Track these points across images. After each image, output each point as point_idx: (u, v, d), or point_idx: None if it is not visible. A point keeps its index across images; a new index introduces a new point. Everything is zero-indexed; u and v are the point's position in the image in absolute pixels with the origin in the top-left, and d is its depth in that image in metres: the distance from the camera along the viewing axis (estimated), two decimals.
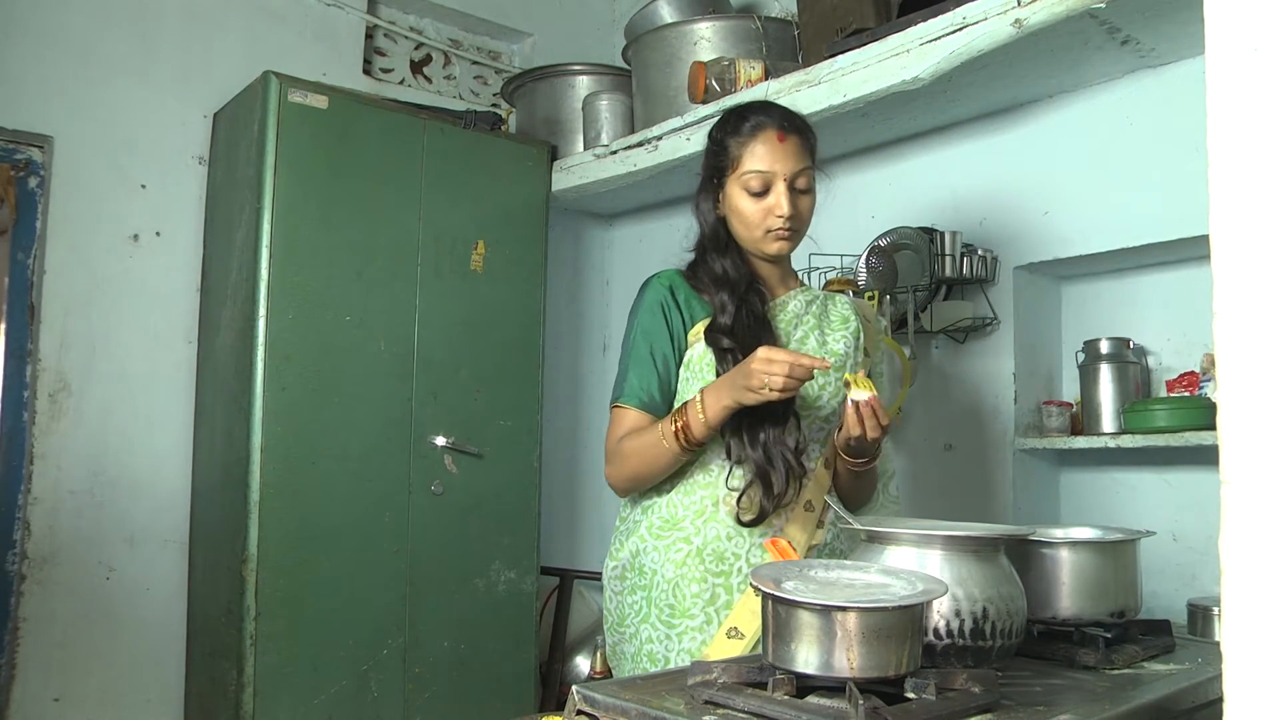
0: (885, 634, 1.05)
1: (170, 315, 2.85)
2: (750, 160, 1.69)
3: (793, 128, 1.72)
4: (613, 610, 1.76)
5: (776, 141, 1.70)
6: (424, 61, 3.51)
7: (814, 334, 1.77)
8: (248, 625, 2.45)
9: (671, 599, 1.65)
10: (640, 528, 1.71)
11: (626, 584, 1.72)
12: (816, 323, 1.79)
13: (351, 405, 2.66)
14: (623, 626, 1.72)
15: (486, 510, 2.91)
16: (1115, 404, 2.40)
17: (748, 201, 1.70)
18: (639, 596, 1.69)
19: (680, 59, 2.91)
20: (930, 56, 2.25)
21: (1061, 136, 2.48)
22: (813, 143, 1.76)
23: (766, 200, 1.69)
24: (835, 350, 1.77)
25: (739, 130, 1.72)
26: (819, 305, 1.82)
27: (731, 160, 1.71)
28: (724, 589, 1.65)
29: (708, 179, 1.77)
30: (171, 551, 2.81)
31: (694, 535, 1.66)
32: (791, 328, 1.76)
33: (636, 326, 1.74)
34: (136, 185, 2.82)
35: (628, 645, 1.71)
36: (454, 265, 2.89)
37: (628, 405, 1.69)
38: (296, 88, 2.63)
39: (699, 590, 1.64)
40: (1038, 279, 2.61)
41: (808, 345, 1.76)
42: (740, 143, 1.71)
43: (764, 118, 1.72)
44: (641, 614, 1.68)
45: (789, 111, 1.77)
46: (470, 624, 2.84)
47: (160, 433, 2.81)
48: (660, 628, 1.66)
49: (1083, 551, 1.45)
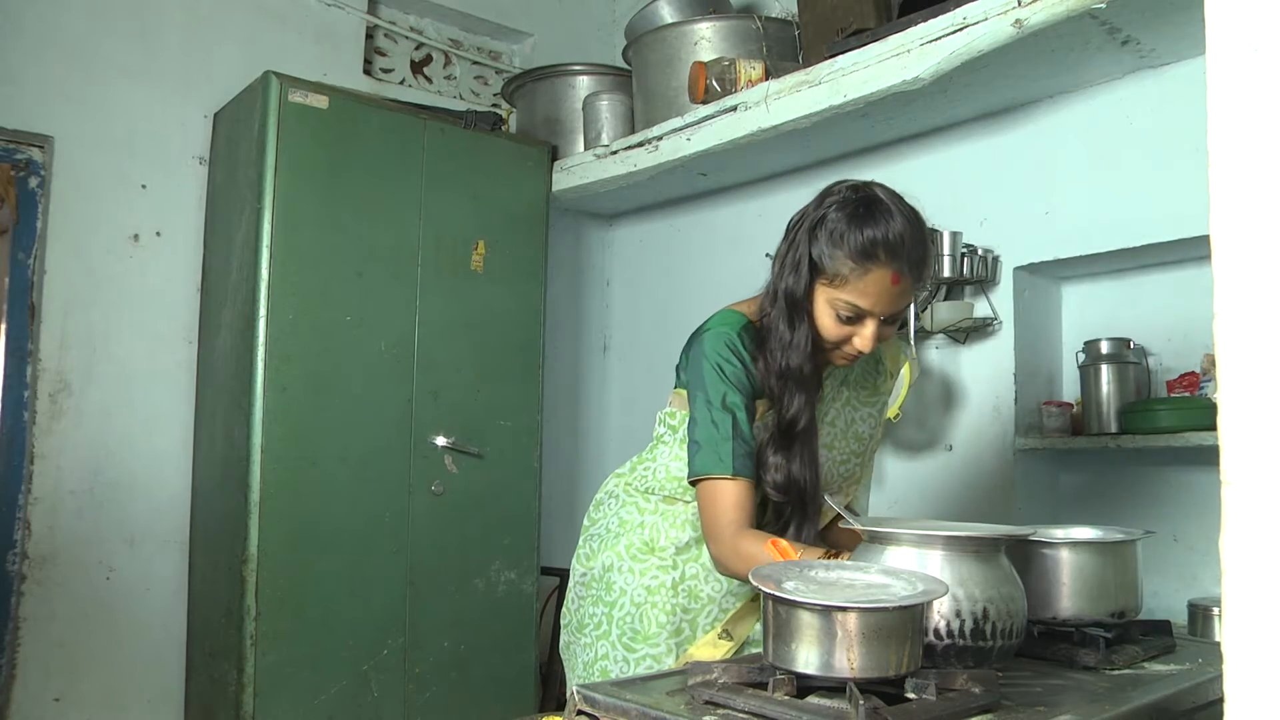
0: (886, 634, 1.05)
1: (170, 315, 2.85)
2: (853, 293, 1.49)
3: (912, 271, 1.50)
4: (573, 611, 1.71)
5: (890, 284, 1.49)
6: (424, 62, 3.51)
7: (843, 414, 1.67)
8: (248, 625, 2.45)
9: (636, 624, 1.60)
10: (618, 544, 1.65)
11: (590, 594, 1.67)
12: (845, 400, 1.68)
13: (352, 405, 2.66)
14: (580, 633, 1.68)
15: (487, 510, 2.91)
16: (1116, 404, 2.40)
17: (832, 322, 1.52)
18: (600, 611, 1.64)
19: (680, 59, 2.91)
20: (931, 57, 2.25)
21: (1062, 137, 2.48)
22: (925, 276, 1.57)
23: (852, 328, 1.52)
24: (860, 434, 1.68)
25: (857, 249, 1.47)
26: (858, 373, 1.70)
27: (832, 274, 1.49)
28: (689, 625, 1.61)
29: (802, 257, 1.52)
30: (172, 552, 2.81)
31: (672, 568, 1.61)
32: (826, 405, 1.65)
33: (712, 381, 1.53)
34: (137, 185, 2.82)
35: (582, 652, 1.67)
36: (454, 265, 2.89)
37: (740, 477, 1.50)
38: (297, 88, 2.63)
39: (665, 621, 1.60)
40: (1038, 279, 2.61)
41: (836, 427, 1.65)
42: (852, 268, 1.48)
43: (887, 255, 1.47)
44: (601, 629, 1.64)
45: (915, 248, 1.50)
46: (470, 624, 2.84)
47: (160, 433, 2.81)
48: (619, 648, 1.61)
49: (1083, 552, 1.44)
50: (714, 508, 1.51)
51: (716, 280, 3.34)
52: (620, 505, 1.69)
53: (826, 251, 1.50)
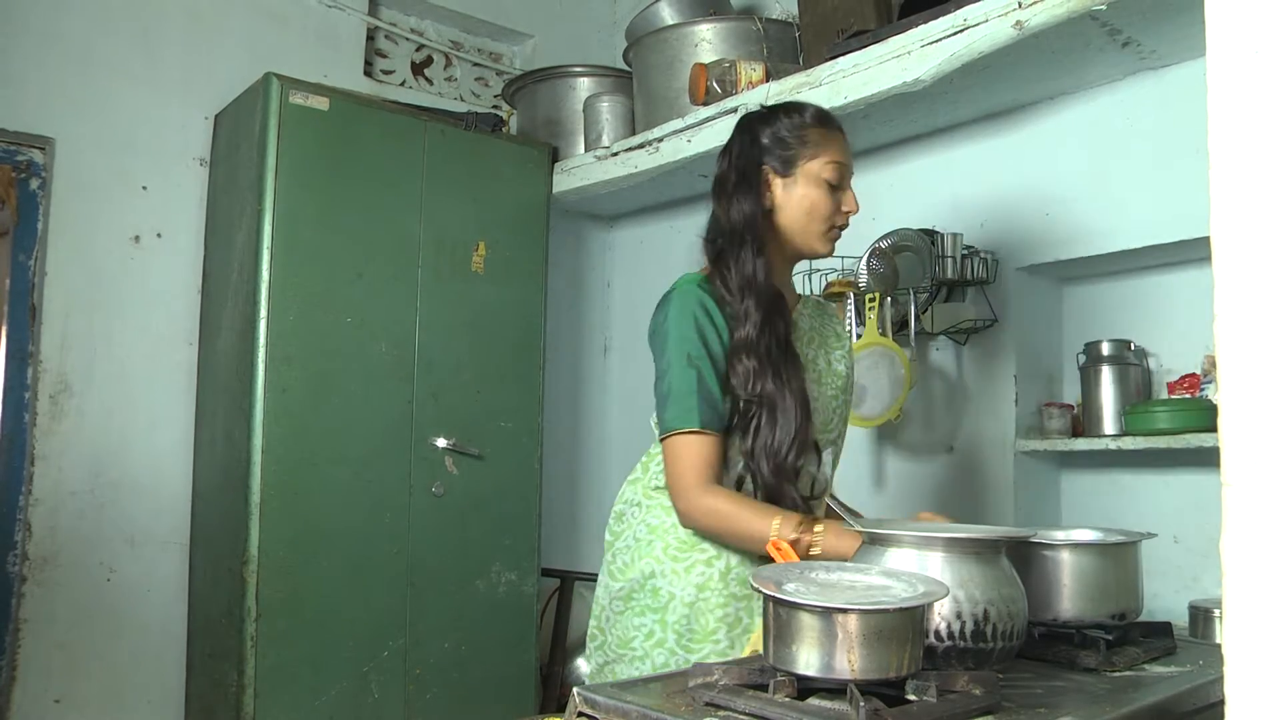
0: (886, 636, 1.05)
1: (171, 317, 2.85)
2: (832, 151, 1.65)
3: None
4: (613, 632, 1.64)
5: (847, 145, 1.70)
6: (425, 63, 3.51)
7: (821, 354, 1.75)
8: (248, 626, 2.46)
9: (692, 624, 1.58)
10: (654, 548, 1.62)
11: (634, 604, 1.61)
12: (821, 341, 1.76)
13: (352, 407, 2.66)
14: (626, 648, 1.61)
15: (487, 511, 2.91)
16: (1116, 406, 2.39)
17: (822, 193, 1.64)
18: (650, 619, 1.60)
19: (681, 61, 2.91)
20: (931, 58, 2.25)
21: (1062, 138, 2.48)
22: None
23: (838, 195, 1.66)
24: (838, 371, 1.75)
25: (816, 121, 1.66)
26: (819, 320, 1.79)
27: (810, 149, 1.64)
28: (746, 612, 1.60)
29: (751, 170, 1.65)
30: (172, 553, 2.81)
31: (715, 558, 1.60)
32: (804, 347, 1.71)
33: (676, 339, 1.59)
34: (138, 187, 2.82)
35: (627, 667, 1.60)
36: (455, 267, 2.90)
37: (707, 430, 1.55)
38: (297, 89, 2.63)
39: (722, 615, 1.58)
40: (1039, 280, 2.61)
41: (819, 364, 1.72)
42: (821, 133, 1.65)
43: (835, 121, 1.69)
44: (655, 638, 1.59)
45: None
46: (471, 625, 2.84)
47: (161, 434, 2.81)
48: (679, 653, 1.57)
49: (1084, 553, 1.44)
50: (679, 463, 1.55)
51: None
52: (645, 512, 1.66)
53: (790, 136, 1.65)
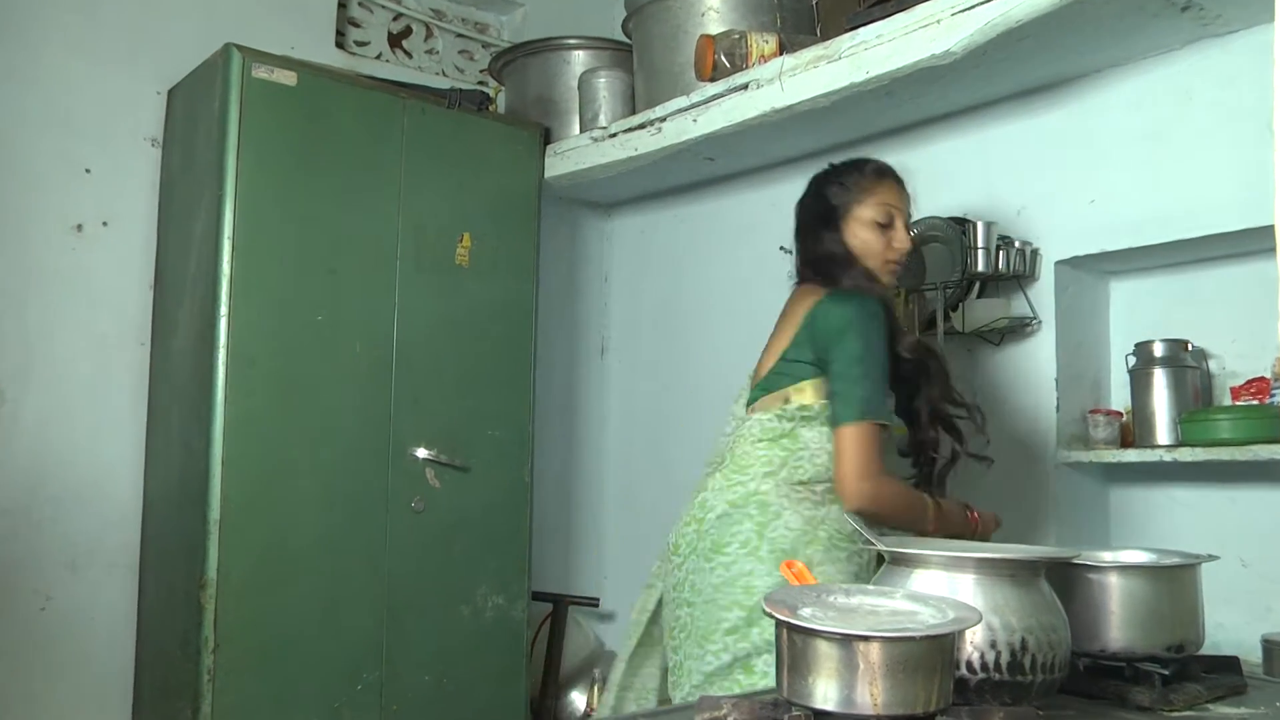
0: (912, 667, 1.04)
1: (119, 314, 2.85)
2: (883, 195, 2.07)
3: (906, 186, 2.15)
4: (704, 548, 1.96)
5: (901, 189, 2.12)
6: (403, 34, 3.52)
7: None
8: (205, 658, 2.45)
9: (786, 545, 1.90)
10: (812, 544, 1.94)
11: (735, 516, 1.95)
12: None
13: (323, 413, 2.67)
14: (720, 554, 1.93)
15: (472, 529, 2.91)
16: (1171, 413, 2.39)
17: (873, 234, 2.06)
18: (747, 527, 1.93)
19: (686, 32, 2.92)
20: (963, 28, 2.24)
21: (1110, 115, 2.48)
22: None
23: (888, 234, 2.06)
24: None
25: (863, 171, 2.11)
26: None
27: (859, 195, 2.07)
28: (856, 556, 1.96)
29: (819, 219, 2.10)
30: (119, 576, 2.80)
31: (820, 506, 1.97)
32: None
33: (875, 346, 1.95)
34: (80, 169, 2.81)
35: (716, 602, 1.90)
36: (437, 259, 2.91)
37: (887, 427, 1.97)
38: (261, 62, 2.63)
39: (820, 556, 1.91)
40: (1083, 274, 2.60)
41: None
42: (873, 181, 2.09)
43: (890, 171, 2.12)
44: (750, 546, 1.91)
45: None
46: (454, 655, 2.85)
47: (108, 444, 2.81)
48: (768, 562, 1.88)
49: (1135, 577, 1.44)
50: (869, 450, 1.91)
51: (725, 275, 3.34)
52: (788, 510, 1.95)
53: (851, 183, 2.09)
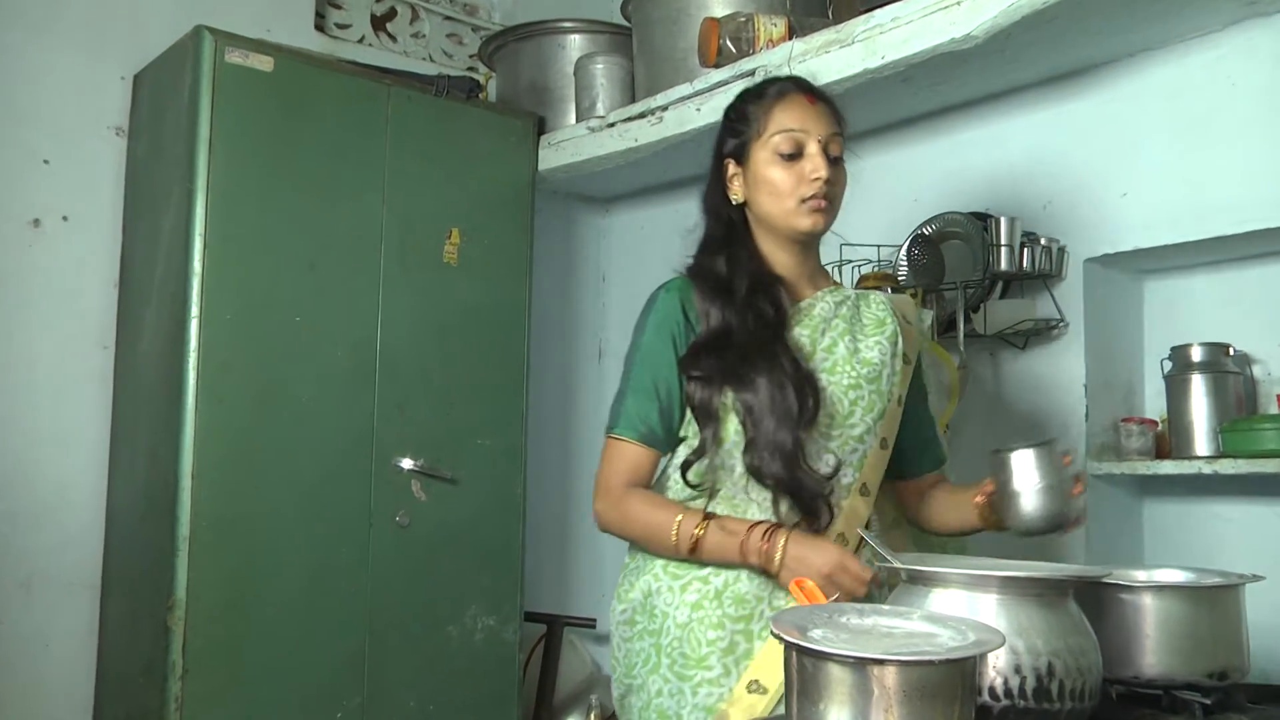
0: (931, 693, 1.04)
1: (81, 315, 2.85)
2: (780, 120, 1.78)
3: (821, 95, 1.85)
4: (620, 658, 1.82)
5: (807, 104, 1.81)
6: (387, 16, 3.55)
7: (844, 340, 1.82)
8: (172, 685, 2.44)
9: (684, 647, 1.71)
10: (654, 565, 1.78)
11: (635, 629, 1.78)
12: (847, 327, 1.84)
13: (302, 422, 2.67)
14: (630, 676, 1.78)
15: (461, 545, 2.92)
16: (1211, 422, 2.39)
17: (778, 168, 1.77)
18: (647, 643, 1.75)
19: (689, 15, 2.92)
20: (985, 9, 2.24)
21: (1144, 103, 2.47)
22: (842, 116, 1.87)
23: (799, 165, 1.77)
24: (868, 359, 1.82)
25: (762, 95, 1.83)
26: (850, 306, 1.87)
27: (756, 127, 1.80)
28: (743, 636, 1.70)
29: (718, 165, 1.86)
30: (78, 597, 2.79)
31: (713, 575, 1.73)
32: (818, 334, 1.82)
33: (641, 347, 1.80)
34: (38, 160, 2.82)
35: (635, 697, 1.77)
36: (423, 257, 2.92)
37: (624, 437, 1.77)
38: (235, 46, 2.64)
39: (715, 637, 1.70)
40: (1114, 273, 2.60)
41: (837, 352, 1.81)
42: (765, 106, 1.81)
43: (789, 83, 1.85)
44: (650, 663, 1.74)
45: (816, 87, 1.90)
46: (441, 679, 2.85)
47: (68, 454, 2.81)
48: (672, 679, 1.71)
49: (1171, 598, 1.45)
50: (611, 465, 1.78)
51: None
52: None
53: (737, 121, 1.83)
